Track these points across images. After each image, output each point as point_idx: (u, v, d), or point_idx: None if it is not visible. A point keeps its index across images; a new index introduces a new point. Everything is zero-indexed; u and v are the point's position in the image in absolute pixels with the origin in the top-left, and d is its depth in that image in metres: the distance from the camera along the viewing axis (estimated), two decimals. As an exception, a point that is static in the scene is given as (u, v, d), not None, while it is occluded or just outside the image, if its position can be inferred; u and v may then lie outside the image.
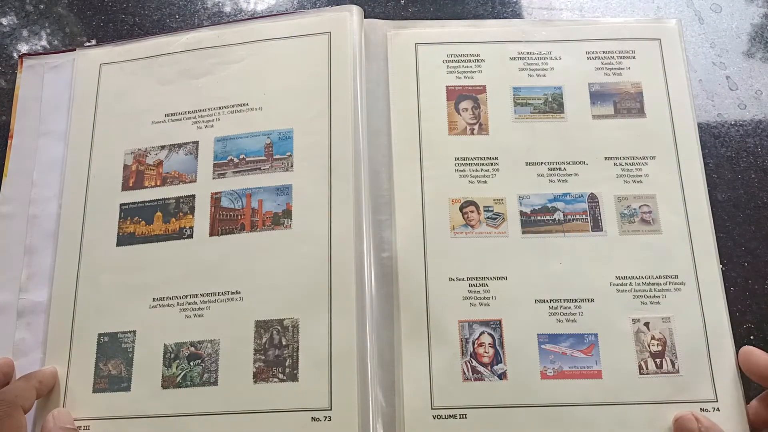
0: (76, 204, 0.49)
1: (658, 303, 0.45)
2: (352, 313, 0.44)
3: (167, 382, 0.44)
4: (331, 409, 0.42)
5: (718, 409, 0.42)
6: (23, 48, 0.58)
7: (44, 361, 0.46)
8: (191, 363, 0.45)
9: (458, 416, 0.42)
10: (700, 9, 0.56)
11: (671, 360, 0.43)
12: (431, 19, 0.55)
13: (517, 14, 0.57)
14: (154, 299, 0.47)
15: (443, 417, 0.42)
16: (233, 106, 0.51)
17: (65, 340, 0.46)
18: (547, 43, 0.51)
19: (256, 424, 0.42)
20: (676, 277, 0.45)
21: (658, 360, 0.43)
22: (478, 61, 0.51)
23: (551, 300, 0.45)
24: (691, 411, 0.41)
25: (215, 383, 0.44)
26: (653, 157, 0.48)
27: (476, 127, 0.49)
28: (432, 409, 0.43)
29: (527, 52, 0.51)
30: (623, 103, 0.50)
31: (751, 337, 0.46)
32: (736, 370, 0.43)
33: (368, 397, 0.42)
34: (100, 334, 0.46)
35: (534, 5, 0.57)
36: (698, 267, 0.45)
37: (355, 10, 0.52)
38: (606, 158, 0.48)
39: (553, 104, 0.50)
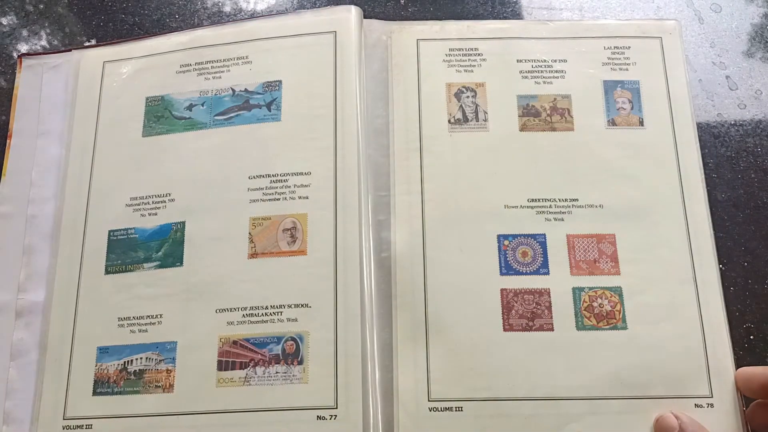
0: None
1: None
2: (357, 312, 0.44)
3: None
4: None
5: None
6: (23, 48, 0.58)
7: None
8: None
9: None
10: (700, 9, 0.56)
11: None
12: (431, 19, 0.55)
13: (517, 14, 0.57)
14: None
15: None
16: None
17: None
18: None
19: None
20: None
21: None
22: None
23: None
24: (672, 411, 0.41)
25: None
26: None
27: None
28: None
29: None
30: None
31: (751, 337, 0.46)
32: (733, 367, 0.43)
33: (369, 394, 0.42)
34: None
35: (534, 5, 0.57)
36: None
37: (354, 11, 0.52)
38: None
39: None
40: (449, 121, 0.50)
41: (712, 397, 0.42)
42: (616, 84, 0.50)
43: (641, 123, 0.49)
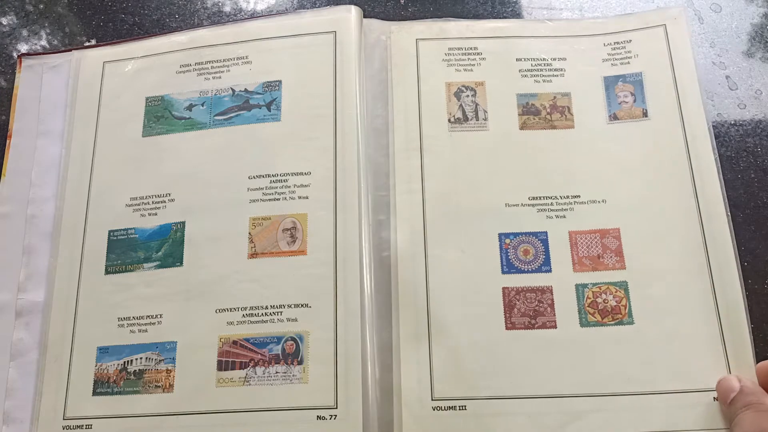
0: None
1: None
2: (356, 312, 0.44)
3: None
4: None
5: None
6: (23, 48, 0.58)
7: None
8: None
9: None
10: (700, 9, 0.56)
11: None
12: (431, 18, 0.55)
13: (517, 14, 0.57)
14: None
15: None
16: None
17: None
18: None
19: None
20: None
21: None
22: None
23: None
24: (736, 375, 0.41)
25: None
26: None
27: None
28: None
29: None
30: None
31: (751, 337, 0.46)
32: (754, 356, 0.42)
33: (369, 394, 0.42)
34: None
35: (534, 5, 0.57)
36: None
37: (354, 11, 0.52)
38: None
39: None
40: (449, 121, 0.50)
41: None
42: (617, 78, 0.50)
43: (645, 114, 0.49)
